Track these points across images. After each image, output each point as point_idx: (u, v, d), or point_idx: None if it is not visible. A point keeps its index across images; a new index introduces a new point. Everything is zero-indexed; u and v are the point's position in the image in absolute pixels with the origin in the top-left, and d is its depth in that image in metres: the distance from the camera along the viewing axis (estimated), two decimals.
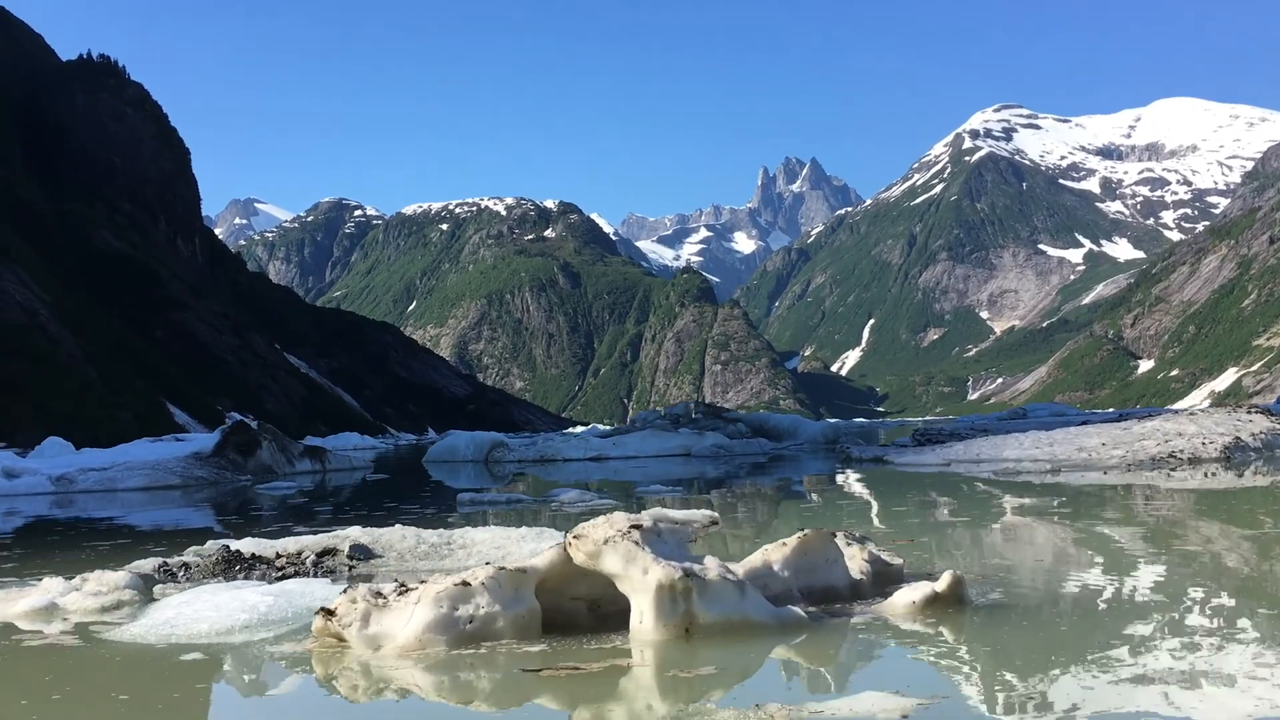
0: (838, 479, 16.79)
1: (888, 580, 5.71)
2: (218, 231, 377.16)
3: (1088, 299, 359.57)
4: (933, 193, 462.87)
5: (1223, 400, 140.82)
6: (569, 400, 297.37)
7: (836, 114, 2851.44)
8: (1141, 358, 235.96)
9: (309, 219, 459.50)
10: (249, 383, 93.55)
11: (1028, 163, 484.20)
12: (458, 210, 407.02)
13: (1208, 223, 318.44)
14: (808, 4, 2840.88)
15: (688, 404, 36.12)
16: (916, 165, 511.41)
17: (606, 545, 4.81)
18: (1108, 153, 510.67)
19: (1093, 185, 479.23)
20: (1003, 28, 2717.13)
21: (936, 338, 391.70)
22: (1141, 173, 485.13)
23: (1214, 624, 5.15)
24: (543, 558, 5.10)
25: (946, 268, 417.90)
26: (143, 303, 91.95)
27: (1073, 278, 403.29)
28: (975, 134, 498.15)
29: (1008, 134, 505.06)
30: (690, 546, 5.81)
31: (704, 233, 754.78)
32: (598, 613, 5.17)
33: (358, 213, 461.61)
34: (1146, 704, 3.82)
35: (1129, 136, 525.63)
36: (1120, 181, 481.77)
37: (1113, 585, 6.30)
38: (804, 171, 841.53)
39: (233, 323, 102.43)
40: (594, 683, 4.29)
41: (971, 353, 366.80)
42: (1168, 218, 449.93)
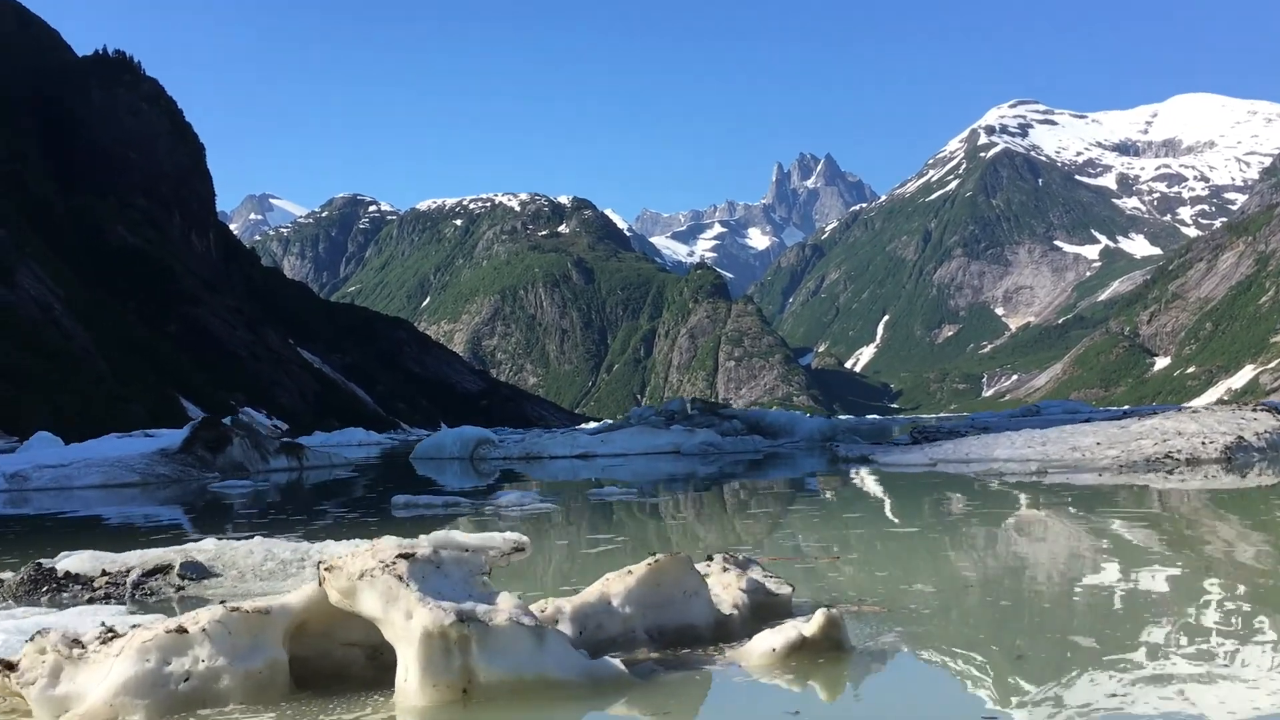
0: (811, 481, 15.94)
1: (772, 613, 4.81)
2: (233, 227, 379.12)
3: (1104, 295, 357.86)
4: (948, 189, 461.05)
5: (1239, 398, 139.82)
6: (582, 396, 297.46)
7: (852, 110, 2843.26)
8: (1158, 355, 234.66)
9: (324, 214, 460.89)
10: (262, 377, 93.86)
11: (1044, 159, 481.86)
12: (472, 206, 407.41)
13: (1225, 219, 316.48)
14: (822, 1, 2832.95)
15: (683, 400, 35.29)
16: (932, 161, 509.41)
17: (363, 580, 3.75)
18: (1124, 149, 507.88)
19: (1109, 181, 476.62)
20: (1019, 24, 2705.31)
21: (951, 334, 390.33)
22: (1158, 169, 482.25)
23: (1166, 691, 3.81)
24: (299, 594, 4.05)
25: (961, 264, 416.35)
26: (156, 297, 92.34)
27: (1089, 274, 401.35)
28: (991, 130, 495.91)
29: (1024, 130, 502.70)
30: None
31: (718, 229, 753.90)
32: (378, 662, 4.06)
33: (372, 208, 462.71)
34: None
35: (1146, 132, 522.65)
36: (1137, 178, 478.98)
37: (1047, 626, 4.85)
38: (819, 167, 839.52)
39: (246, 318, 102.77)
40: None
41: (986, 349, 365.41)
42: (1185, 214, 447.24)
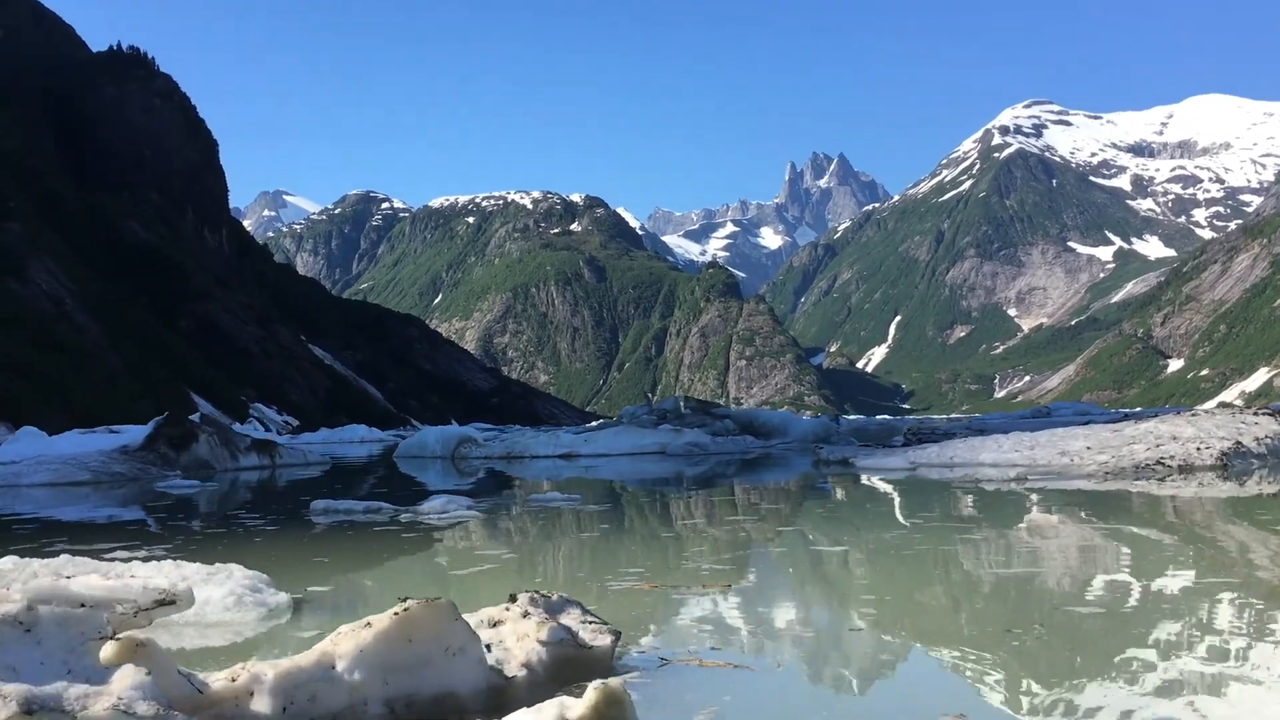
0: (780, 486, 15.12)
1: (582, 671, 3.57)
2: (246, 223, 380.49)
3: (1117, 297, 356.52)
4: (961, 189, 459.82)
5: (1253, 400, 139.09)
6: (593, 394, 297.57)
7: (865, 110, 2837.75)
8: (1171, 357, 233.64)
9: (336, 211, 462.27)
10: (273, 374, 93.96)
11: (1058, 159, 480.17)
12: (484, 204, 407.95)
13: (1240, 221, 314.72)
14: (837, 1, 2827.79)
15: (677, 398, 34.70)
16: (945, 161, 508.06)
17: None
18: (1139, 150, 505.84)
19: (1124, 182, 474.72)
20: (1034, 24, 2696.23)
21: (963, 335, 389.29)
22: (1173, 170, 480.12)
23: None
24: None
25: (974, 264, 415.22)
26: (169, 293, 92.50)
27: (1102, 276, 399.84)
28: (1005, 130, 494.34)
29: (1038, 130, 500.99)
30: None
31: (730, 228, 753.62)
32: None
33: (385, 205, 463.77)
34: None
35: (1161, 133, 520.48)
36: (1152, 179, 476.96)
37: (921, 684, 3.96)
38: (832, 167, 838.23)
39: (258, 314, 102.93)
40: None
41: (999, 350, 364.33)
42: (1199, 216, 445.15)
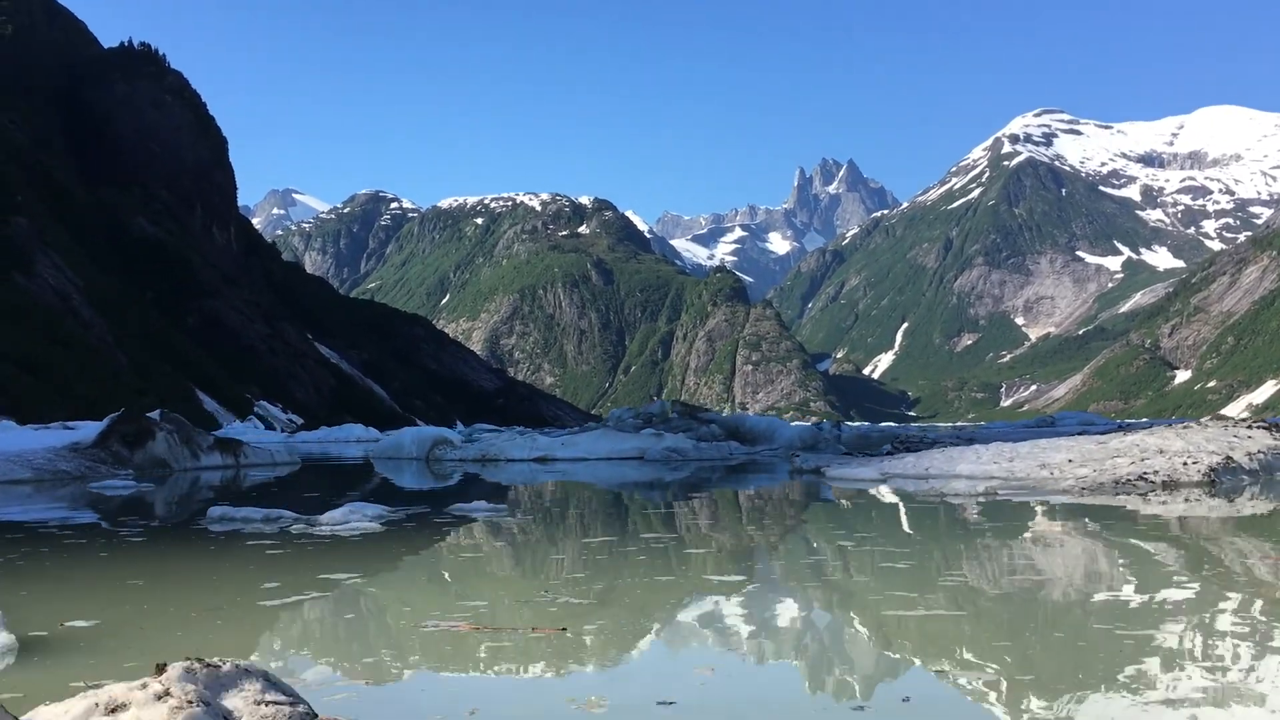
0: (739, 496, 14.44)
1: None
2: (256, 222, 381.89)
3: (1125, 307, 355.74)
4: (970, 197, 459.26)
5: (1260, 413, 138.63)
6: (599, 397, 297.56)
7: (875, 116, 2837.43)
8: (1179, 368, 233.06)
9: (346, 210, 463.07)
10: (278, 372, 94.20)
11: (1067, 168, 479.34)
12: (493, 205, 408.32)
13: (1250, 233, 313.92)
14: (849, 6, 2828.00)
15: (663, 402, 34.06)
16: (954, 169, 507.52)
17: None
18: (1149, 160, 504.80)
19: (1133, 193, 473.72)
20: (1046, 33, 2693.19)
21: (970, 343, 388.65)
22: (1183, 181, 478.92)
23: None
24: None
25: (982, 273, 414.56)
26: (176, 290, 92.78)
27: (1110, 285, 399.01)
28: (1015, 138, 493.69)
29: (1048, 139, 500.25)
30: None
31: (739, 232, 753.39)
32: None
33: (394, 205, 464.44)
34: None
35: (1171, 144, 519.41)
36: (1161, 189, 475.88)
37: None
38: (841, 173, 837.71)
39: (264, 311, 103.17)
40: None
41: (1006, 359, 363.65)
42: (1209, 227, 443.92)
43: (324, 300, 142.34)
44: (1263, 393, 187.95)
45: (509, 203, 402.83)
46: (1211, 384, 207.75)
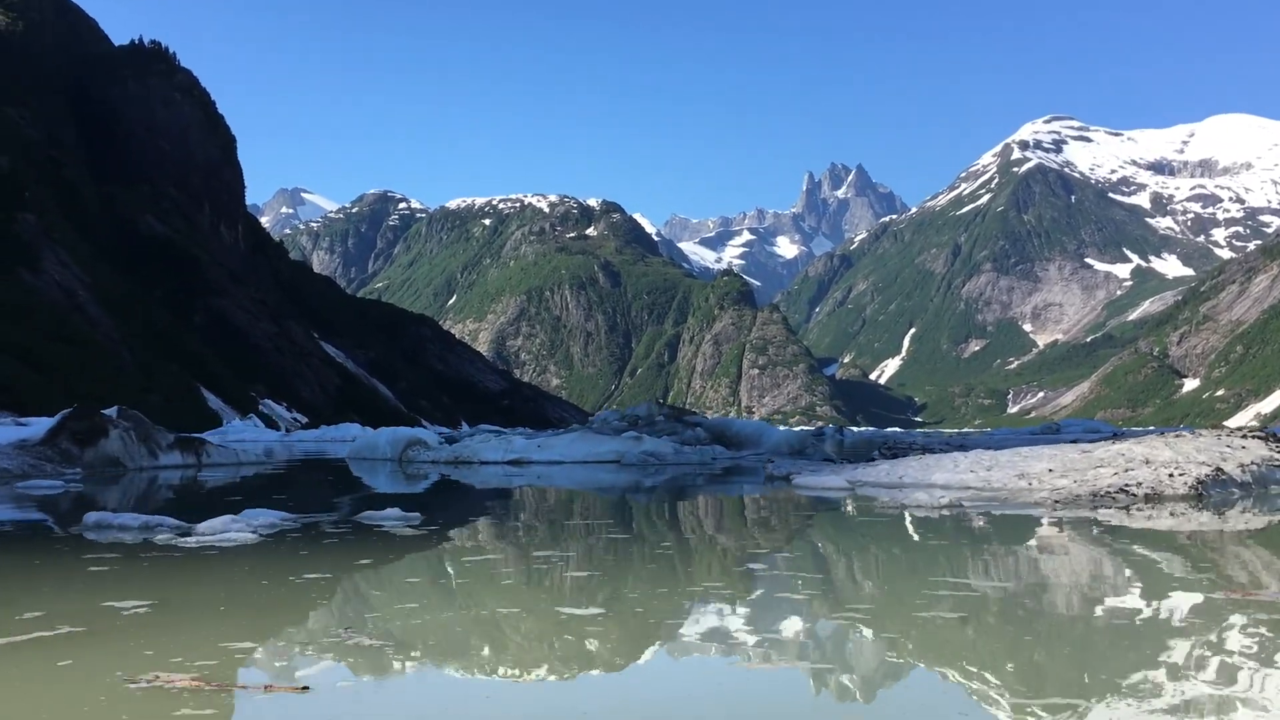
0: (685, 505, 13.50)
1: None
2: (265, 220, 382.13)
3: (1134, 315, 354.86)
4: (979, 203, 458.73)
5: (1268, 422, 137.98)
6: (604, 399, 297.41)
7: (884, 121, 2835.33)
8: (1187, 376, 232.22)
9: (354, 210, 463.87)
10: (284, 370, 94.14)
11: (1077, 175, 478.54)
12: (501, 206, 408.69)
13: (1260, 241, 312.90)
14: (858, 10, 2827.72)
15: (650, 404, 32.96)
16: (964, 175, 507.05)
17: None
18: (1159, 168, 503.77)
19: (1143, 200, 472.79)
20: (1056, 39, 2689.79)
21: (978, 349, 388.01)
22: (1193, 189, 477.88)
23: None
24: None
25: (990, 279, 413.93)
26: (183, 288, 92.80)
27: (1119, 293, 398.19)
28: (1024, 145, 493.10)
29: (1058, 146, 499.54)
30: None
31: (747, 236, 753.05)
32: None
33: (402, 205, 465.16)
34: None
35: (1182, 152, 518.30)
36: (1171, 197, 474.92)
37: None
38: (849, 178, 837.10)
39: (271, 310, 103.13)
40: None
41: (1013, 365, 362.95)
42: (1219, 235, 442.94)
43: (331, 299, 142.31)
44: (1271, 402, 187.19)
45: (517, 204, 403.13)
46: (1220, 393, 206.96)
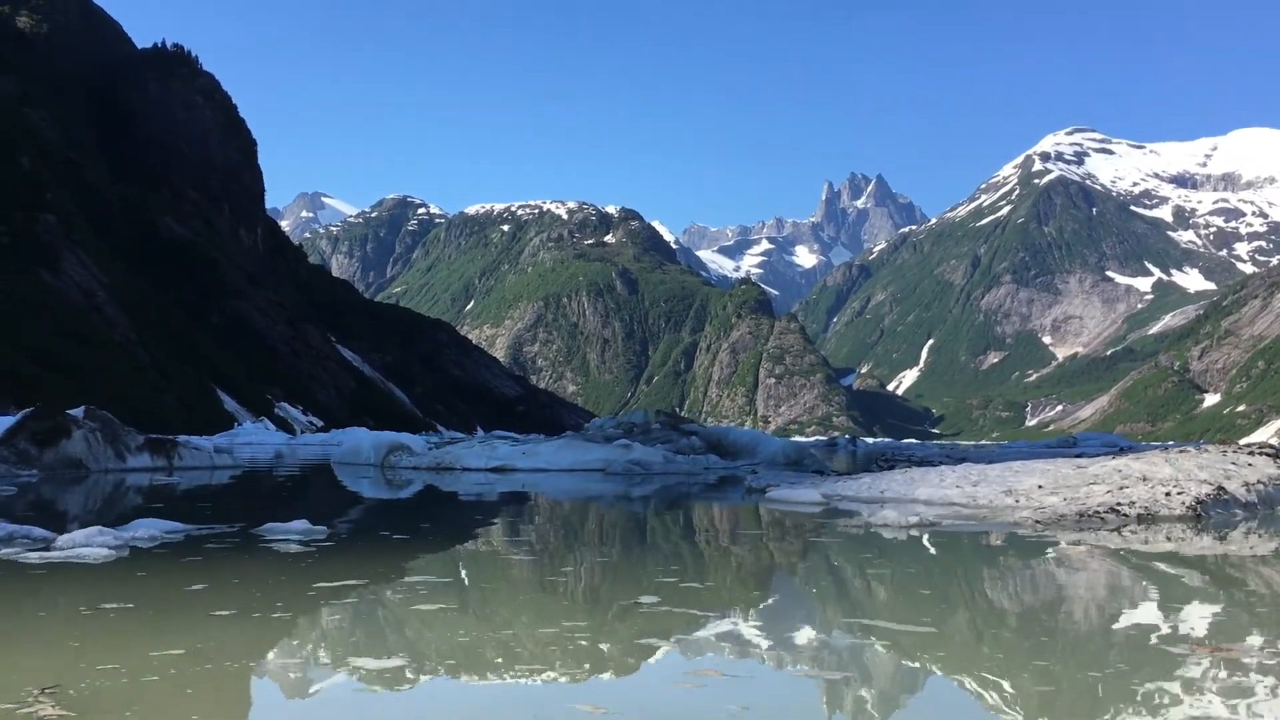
0: (628, 516, 12.74)
1: None
2: (285, 224, 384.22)
3: (1155, 329, 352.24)
4: (999, 214, 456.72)
5: None
6: (621, 406, 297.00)
7: (905, 131, 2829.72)
8: (1208, 391, 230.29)
9: (373, 215, 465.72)
10: (300, 373, 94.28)
11: (1099, 187, 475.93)
12: (519, 212, 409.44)
13: None
14: (880, 21, 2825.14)
15: (646, 412, 32.23)
16: (984, 186, 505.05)
17: None
18: (1182, 181, 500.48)
19: (1165, 213, 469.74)
20: (1079, 51, 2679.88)
21: (996, 361, 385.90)
22: (1216, 203, 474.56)
23: None
24: None
25: (1010, 290, 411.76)
26: (201, 289, 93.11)
27: (1140, 306, 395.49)
28: (1046, 156, 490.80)
29: (1079, 158, 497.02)
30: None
31: (765, 245, 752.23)
32: None
33: (421, 210, 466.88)
34: None
35: (1205, 165, 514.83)
36: (1194, 211, 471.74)
37: None
38: (869, 188, 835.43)
39: (288, 313, 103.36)
40: None
41: (1032, 378, 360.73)
42: (1241, 250, 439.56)
43: (348, 303, 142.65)
44: None
45: (535, 210, 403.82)
46: (1241, 408, 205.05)
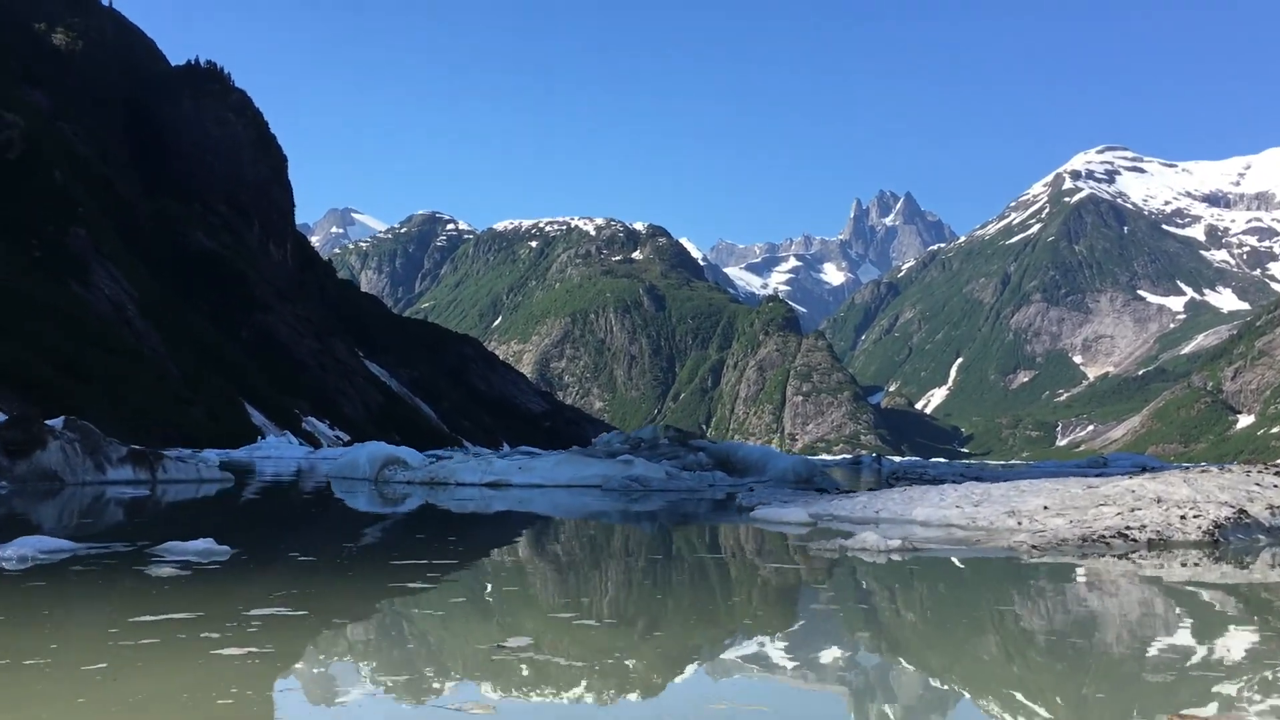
0: (597, 535, 11.80)
1: None
2: (315, 240, 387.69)
3: (1187, 349, 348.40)
4: (1029, 232, 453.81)
5: None
6: (647, 423, 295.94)
7: (934, 149, 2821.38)
8: (1241, 412, 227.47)
9: (402, 230, 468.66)
10: (327, 388, 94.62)
11: (1130, 206, 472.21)
12: (548, 228, 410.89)
13: None
14: (910, 38, 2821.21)
15: (655, 428, 31.59)
16: (1014, 204, 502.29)
17: None
18: (1215, 200, 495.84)
19: (1197, 232, 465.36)
20: (1110, 69, 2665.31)
21: (1026, 380, 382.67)
22: (1249, 222, 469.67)
23: None
24: None
25: (1040, 309, 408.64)
26: (230, 303, 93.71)
27: (1172, 326, 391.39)
28: (1076, 175, 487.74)
29: (1110, 176, 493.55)
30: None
31: (793, 262, 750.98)
32: None
33: (450, 226, 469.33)
34: None
35: (1238, 184, 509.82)
36: (1227, 230, 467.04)
37: None
38: (898, 205, 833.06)
39: (316, 327, 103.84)
40: None
41: (1062, 398, 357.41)
42: (1275, 269, 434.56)
43: (376, 318, 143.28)
44: None
45: (563, 226, 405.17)
46: (1275, 430, 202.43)
